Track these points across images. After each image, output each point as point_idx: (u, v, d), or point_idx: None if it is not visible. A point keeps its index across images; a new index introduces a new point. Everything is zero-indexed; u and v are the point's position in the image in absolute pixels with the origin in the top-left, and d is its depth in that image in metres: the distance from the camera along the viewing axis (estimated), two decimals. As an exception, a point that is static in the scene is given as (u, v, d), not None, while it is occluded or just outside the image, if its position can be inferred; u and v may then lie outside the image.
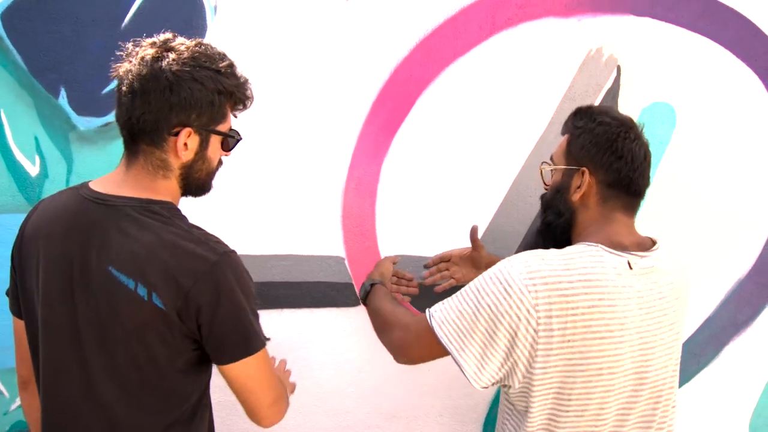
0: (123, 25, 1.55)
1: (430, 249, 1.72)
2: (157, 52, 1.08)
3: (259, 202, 1.64)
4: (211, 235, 1.12)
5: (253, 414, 1.17)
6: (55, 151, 1.58)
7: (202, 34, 1.57)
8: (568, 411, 1.19)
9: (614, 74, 1.71)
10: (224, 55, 1.15)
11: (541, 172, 1.36)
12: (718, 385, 1.89)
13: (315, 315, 1.70)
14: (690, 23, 1.71)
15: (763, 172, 1.82)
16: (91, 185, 1.14)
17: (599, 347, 1.15)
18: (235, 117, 1.21)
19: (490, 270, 1.20)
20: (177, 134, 1.09)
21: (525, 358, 1.15)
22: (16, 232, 1.21)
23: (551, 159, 1.34)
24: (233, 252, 1.11)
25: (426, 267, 1.70)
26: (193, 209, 1.60)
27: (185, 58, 1.07)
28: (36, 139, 1.58)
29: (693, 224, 1.75)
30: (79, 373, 1.10)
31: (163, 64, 1.06)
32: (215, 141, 1.16)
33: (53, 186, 1.56)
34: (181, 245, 1.06)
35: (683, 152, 1.76)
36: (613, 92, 1.72)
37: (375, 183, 1.68)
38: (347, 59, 1.62)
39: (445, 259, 1.68)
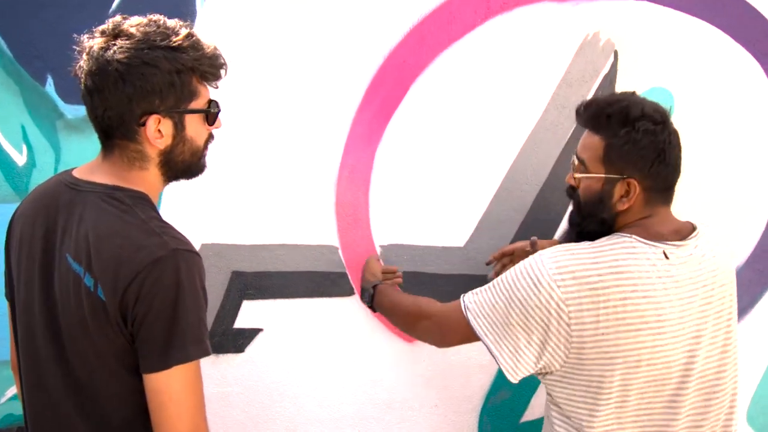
0: (110, 10, 1.52)
1: (425, 237, 1.70)
2: (104, 41, 1.01)
3: (251, 191, 1.62)
4: (172, 230, 1.04)
5: None
6: (43, 140, 1.56)
7: (192, 20, 1.54)
8: (608, 403, 1.18)
9: (611, 59, 1.69)
10: (180, 27, 1.05)
11: (573, 172, 1.30)
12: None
13: (309, 305, 1.68)
14: (688, 7, 1.69)
15: (762, 158, 1.80)
16: (74, 171, 1.12)
17: (635, 339, 1.15)
18: (215, 88, 1.13)
19: (521, 263, 1.21)
20: (144, 124, 1.03)
21: (560, 351, 1.16)
22: (4, 222, 1.19)
23: (580, 160, 1.26)
24: (190, 252, 1.02)
25: (488, 264, 1.69)
26: (184, 199, 1.59)
27: (134, 42, 1.00)
28: (23, 127, 1.55)
29: (691, 210, 1.72)
30: (35, 362, 1.08)
31: (109, 54, 0.99)
32: (194, 120, 1.09)
33: (41, 175, 1.54)
34: (130, 236, 0.99)
35: (681, 138, 1.73)
36: (611, 77, 1.70)
37: (368, 171, 1.66)
38: (340, 45, 1.59)
39: (507, 254, 1.66)
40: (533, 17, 1.64)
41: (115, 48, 0.99)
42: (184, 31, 1.04)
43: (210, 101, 1.11)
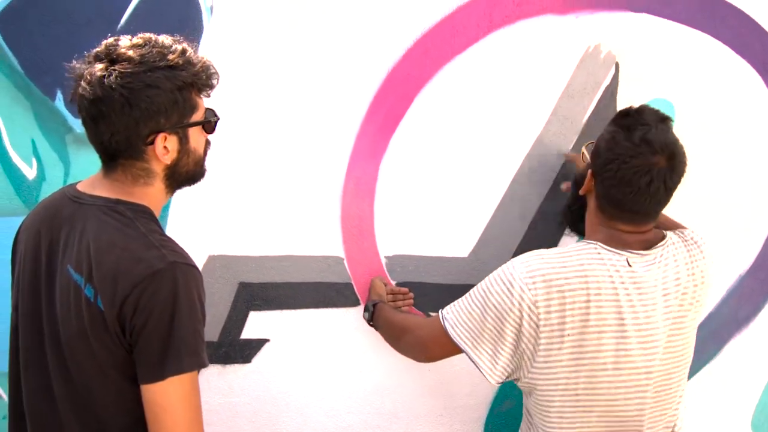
0: (119, 26, 1.54)
1: (429, 248, 1.71)
2: (103, 67, 1.02)
3: (258, 203, 1.64)
4: (171, 243, 1.06)
5: None
6: (52, 154, 1.58)
7: (199, 35, 1.56)
8: (575, 407, 1.23)
9: (612, 71, 1.71)
10: (173, 43, 1.08)
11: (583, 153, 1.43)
12: (720, 383, 1.89)
13: (315, 315, 1.70)
14: (688, 19, 1.70)
15: (763, 167, 1.82)
16: (78, 184, 1.14)
17: (598, 341, 1.19)
18: (209, 96, 1.15)
19: (494, 272, 1.27)
20: (152, 142, 1.06)
21: (530, 351, 1.22)
22: (14, 234, 1.22)
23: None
24: (188, 265, 1.04)
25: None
26: (191, 211, 1.61)
27: (134, 65, 1.02)
28: (33, 141, 1.57)
29: (693, 220, 1.74)
30: (40, 369, 1.09)
31: (112, 81, 1.00)
32: (194, 131, 1.12)
33: (50, 188, 1.56)
34: (130, 248, 1.01)
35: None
36: (612, 89, 1.71)
37: (373, 183, 1.68)
38: (344, 58, 1.61)
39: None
40: (535, 30, 1.66)
41: (115, 73, 1.01)
42: (178, 48, 1.07)
43: (206, 110, 1.15)
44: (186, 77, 1.06)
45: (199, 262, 1.62)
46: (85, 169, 1.57)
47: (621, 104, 1.71)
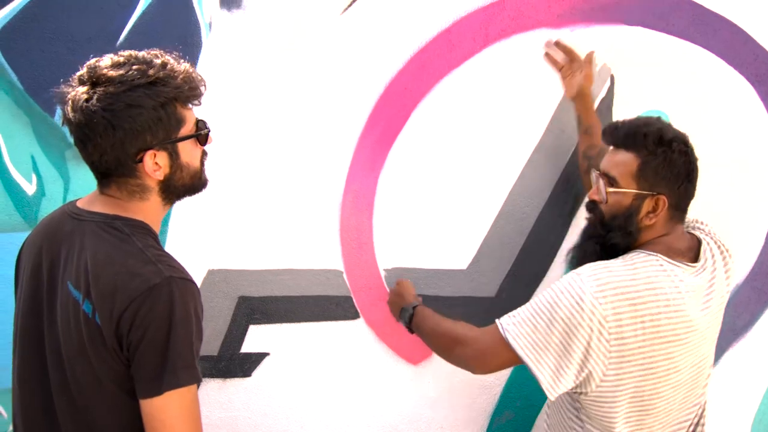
0: (118, 42, 1.55)
1: (428, 260, 1.72)
2: (85, 91, 1.02)
3: (257, 216, 1.64)
4: (168, 258, 1.06)
5: None
6: (52, 170, 1.58)
7: (197, 51, 1.57)
8: (640, 411, 1.27)
9: (608, 83, 1.73)
10: (153, 57, 1.07)
11: (599, 186, 1.35)
12: (718, 392, 1.89)
13: (314, 328, 1.70)
14: (681, 31, 1.73)
15: (758, 177, 1.83)
16: (78, 201, 1.15)
17: (666, 350, 1.23)
18: (198, 105, 1.14)
19: (560, 283, 1.25)
20: (141, 160, 1.06)
21: (599, 368, 1.21)
22: (14, 251, 1.23)
23: (610, 176, 1.32)
24: (184, 279, 1.03)
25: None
26: (191, 226, 1.61)
27: (114, 86, 1.01)
28: (32, 158, 1.58)
29: (689, 231, 1.76)
30: (41, 385, 1.09)
31: (93, 104, 1.00)
32: (186, 145, 1.11)
33: (50, 204, 1.56)
34: (127, 264, 1.01)
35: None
36: (608, 101, 1.73)
37: (372, 196, 1.68)
38: (342, 73, 1.62)
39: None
40: (530, 43, 1.68)
41: (96, 96, 1.01)
42: (157, 62, 1.06)
43: (197, 123, 1.13)
44: (168, 92, 1.04)
45: (199, 276, 1.63)
46: (84, 184, 1.58)
47: (617, 116, 1.73)
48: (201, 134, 1.14)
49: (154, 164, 1.07)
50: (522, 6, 1.66)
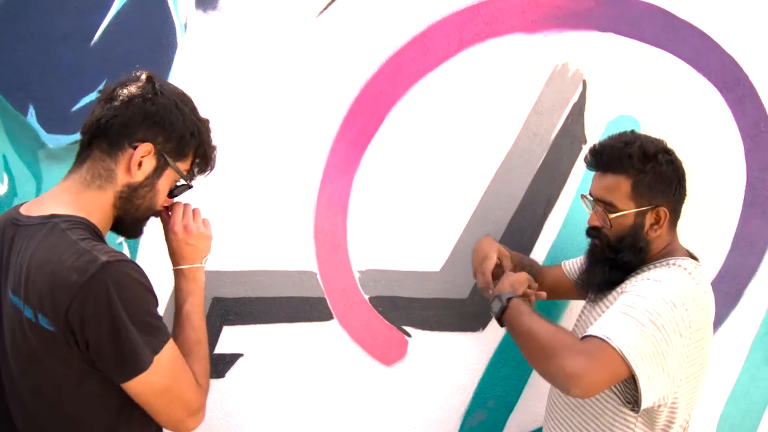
0: (92, 42, 1.55)
1: (401, 262, 1.73)
2: (153, 79, 1.12)
3: (231, 218, 1.64)
4: (103, 246, 1.03)
5: (168, 425, 1.10)
6: (24, 169, 1.57)
7: (172, 52, 1.57)
8: (688, 411, 1.33)
9: (580, 88, 1.75)
10: (208, 120, 1.21)
11: (597, 213, 1.38)
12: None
13: (288, 330, 1.70)
14: (652, 38, 1.76)
15: (725, 181, 1.87)
16: (22, 206, 1.12)
17: (708, 348, 1.31)
18: (193, 177, 1.22)
19: (648, 291, 1.24)
20: (136, 148, 1.08)
21: (678, 374, 1.24)
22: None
23: (606, 202, 1.35)
24: (119, 260, 1.00)
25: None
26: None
27: (177, 93, 1.14)
28: (4, 157, 1.57)
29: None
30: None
31: (156, 85, 1.11)
32: (168, 177, 1.14)
33: (22, 204, 1.55)
34: (61, 260, 0.98)
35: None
36: (580, 106, 1.75)
37: (346, 198, 1.69)
38: (317, 75, 1.63)
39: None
40: (504, 48, 1.70)
41: (161, 85, 1.13)
42: (208, 120, 1.21)
43: (188, 174, 1.19)
44: (202, 133, 1.16)
45: (172, 278, 1.62)
46: (56, 183, 1.57)
47: (589, 121, 1.75)
48: (184, 181, 1.19)
49: (140, 159, 1.08)
50: (496, 11, 1.67)
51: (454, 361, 1.78)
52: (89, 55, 1.52)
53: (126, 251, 1.61)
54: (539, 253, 1.78)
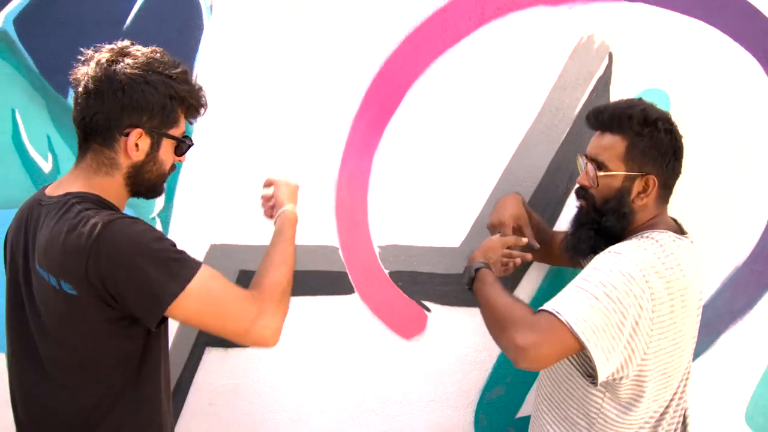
0: (125, 26, 1.62)
1: (421, 238, 1.75)
2: (112, 55, 1.13)
3: (255, 194, 1.69)
4: (105, 211, 1.11)
5: (235, 338, 1.13)
6: (66, 149, 1.68)
7: (199, 34, 1.63)
8: (666, 386, 1.30)
9: (606, 61, 1.69)
10: (179, 62, 1.19)
11: (587, 171, 1.35)
12: (714, 375, 1.87)
13: (311, 302, 1.76)
14: (685, 7, 1.67)
15: (762, 158, 1.77)
16: (47, 187, 1.21)
17: (688, 323, 1.27)
18: (191, 123, 1.25)
19: (605, 264, 1.23)
20: (127, 135, 1.13)
21: (641, 347, 1.21)
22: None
23: (597, 161, 1.32)
24: (119, 218, 1.08)
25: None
26: (194, 203, 1.68)
27: (140, 63, 1.12)
28: (48, 137, 1.67)
29: (689, 211, 1.72)
30: (31, 361, 1.17)
31: (118, 68, 1.11)
32: (167, 145, 1.19)
33: (63, 181, 1.66)
34: (69, 229, 1.07)
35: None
36: (605, 80, 1.70)
37: (367, 175, 1.72)
38: (338, 53, 1.65)
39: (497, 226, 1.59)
40: (527, 22, 1.66)
41: (122, 63, 1.12)
42: (181, 67, 1.17)
43: (185, 135, 1.22)
44: (180, 90, 1.16)
45: (202, 251, 1.71)
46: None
47: (615, 95, 1.70)
48: (184, 143, 1.22)
49: (135, 144, 1.14)
50: (519, -17, 1.64)
51: (472, 336, 1.80)
52: (122, 38, 1.59)
53: (159, 227, 1.70)
54: (560, 229, 1.75)
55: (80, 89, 1.14)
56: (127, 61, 1.12)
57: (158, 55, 1.16)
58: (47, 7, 1.61)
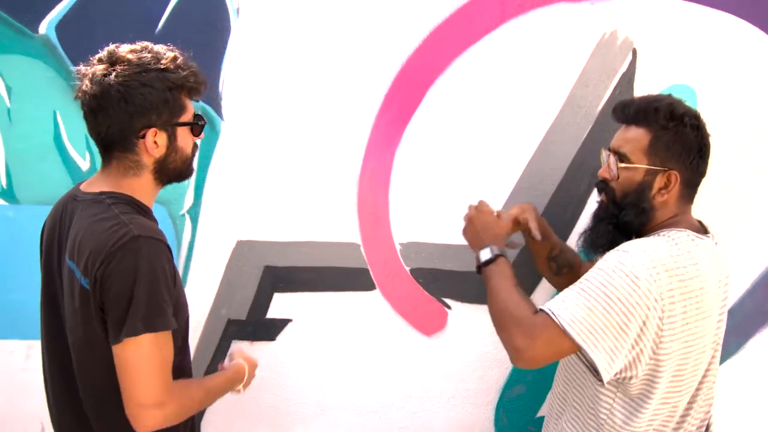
0: (157, 30, 1.69)
1: (442, 236, 1.76)
2: (104, 68, 1.16)
3: (281, 193, 1.74)
4: (141, 221, 1.16)
5: (125, 405, 1.12)
6: (102, 148, 1.76)
7: (227, 36, 1.68)
8: (680, 390, 1.27)
9: (630, 57, 1.67)
10: (168, 50, 1.22)
11: (609, 163, 1.33)
12: (744, 377, 1.81)
13: (334, 298, 1.79)
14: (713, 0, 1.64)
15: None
16: (82, 183, 1.28)
17: (704, 326, 1.24)
18: (197, 101, 1.28)
19: (608, 263, 1.21)
20: (144, 136, 1.19)
21: (650, 346, 1.20)
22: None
23: (620, 153, 1.31)
24: (153, 238, 1.13)
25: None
26: (221, 201, 1.74)
27: (131, 66, 1.16)
28: (86, 137, 1.74)
29: (718, 209, 1.68)
30: (59, 346, 1.24)
31: (111, 79, 1.14)
32: (183, 131, 1.24)
33: (98, 179, 1.73)
34: (102, 228, 1.12)
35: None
36: (629, 76, 1.68)
37: (388, 172, 1.74)
38: (360, 53, 1.68)
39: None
40: (549, 18, 1.66)
41: (114, 73, 1.15)
42: (170, 54, 1.20)
43: (195, 115, 1.26)
44: (176, 79, 1.19)
45: (228, 246, 1.76)
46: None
47: (639, 91, 1.67)
48: (197, 125, 1.27)
49: (154, 143, 1.20)
50: (541, -20, 1.63)
51: (493, 334, 1.76)
52: (155, 41, 1.65)
53: (188, 223, 1.76)
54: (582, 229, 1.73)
55: (85, 108, 1.19)
56: (119, 69, 1.15)
57: (147, 50, 1.19)
58: (84, 13, 1.68)
